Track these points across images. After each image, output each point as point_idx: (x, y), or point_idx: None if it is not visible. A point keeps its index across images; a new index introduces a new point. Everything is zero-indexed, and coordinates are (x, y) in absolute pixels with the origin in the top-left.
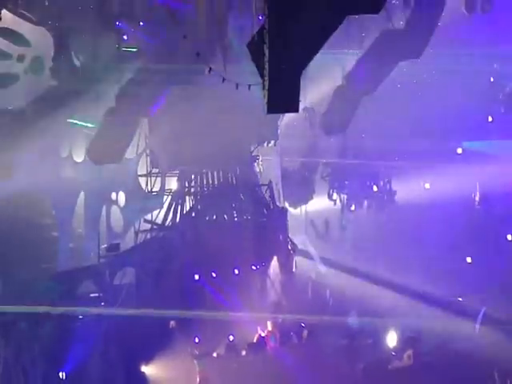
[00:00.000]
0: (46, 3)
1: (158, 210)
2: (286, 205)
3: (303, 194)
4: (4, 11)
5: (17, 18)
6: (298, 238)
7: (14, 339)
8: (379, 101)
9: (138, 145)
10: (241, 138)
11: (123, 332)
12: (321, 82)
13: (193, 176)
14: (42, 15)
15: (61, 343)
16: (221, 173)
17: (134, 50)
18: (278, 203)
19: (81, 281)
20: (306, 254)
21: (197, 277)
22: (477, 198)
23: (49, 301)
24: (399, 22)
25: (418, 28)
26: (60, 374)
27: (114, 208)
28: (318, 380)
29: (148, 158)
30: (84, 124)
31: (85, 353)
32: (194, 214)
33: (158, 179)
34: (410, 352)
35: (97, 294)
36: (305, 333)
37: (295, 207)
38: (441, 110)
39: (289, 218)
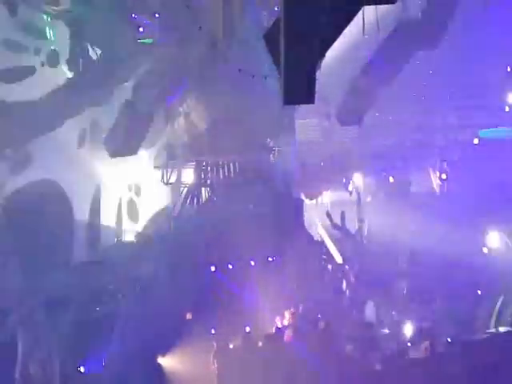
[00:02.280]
0: None
1: (175, 202)
2: (302, 196)
3: (319, 185)
4: (21, 5)
5: (33, 12)
6: (314, 229)
7: (31, 331)
8: (394, 90)
9: (154, 136)
10: (257, 129)
11: (140, 323)
12: (337, 73)
13: (209, 167)
14: (59, 8)
15: (78, 335)
16: (237, 164)
17: (150, 41)
18: (294, 194)
19: (97, 272)
20: (322, 245)
21: (213, 268)
22: (493, 189)
23: (66, 292)
24: (415, 13)
25: (434, 18)
26: (77, 365)
27: (131, 199)
28: (334, 371)
29: (164, 149)
30: None
31: (102, 345)
32: (209, 206)
33: (175, 170)
34: (427, 343)
35: (113, 286)
36: (321, 324)
37: (311, 198)
38: (457, 100)
39: (305, 208)
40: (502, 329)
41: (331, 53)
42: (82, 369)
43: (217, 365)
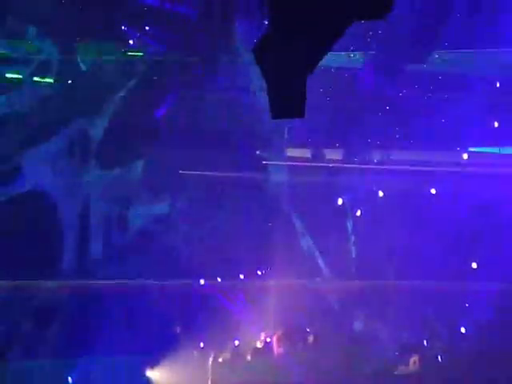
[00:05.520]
0: (52, 8)
1: (164, 214)
2: (292, 210)
3: (308, 199)
4: (10, 16)
5: (22, 23)
6: (303, 243)
7: (19, 342)
8: (383, 106)
9: (143, 148)
10: (247, 144)
11: (128, 337)
12: (326, 88)
13: (198, 181)
14: (49, 20)
15: (67, 346)
16: (227, 178)
17: (140, 54)
18: (283, 208)
19: (85, 283)
20: (312, 259)
21: (202, 281)
22: (483, 204)
23: (55, 303)
24: (404, 28)
25: (423, 33)
26: (66, 378)
27: (120, 211)
28: None
29: (153, 161)
30: None
31: (91, 358)
32: (199, 218)
33: (164, 183)
34: (415, 357)
35: (101, 298)
36: (310, 338)
37: (300, 212)
38: (446, 116)
39: (294, 222)
40: (490, 343)
41: (321, 68)
42: (70, 380)
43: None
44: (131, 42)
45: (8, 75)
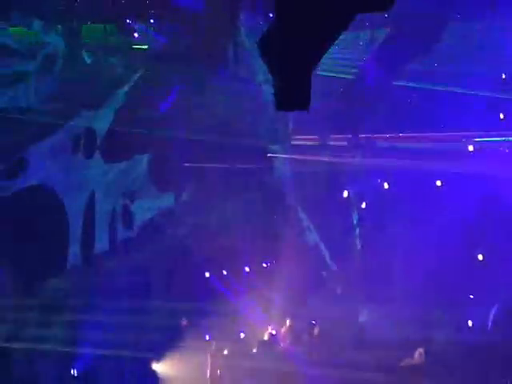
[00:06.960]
0: (57, 2)
1: (169, 208)
2: (297, 202)
3: (313, 192)
4: (15, 9)
5: (28, 16)
6: (309, 236)
7: (25, 338)
8: (388, 97)
9: (148, 142)
10: (251, 136)
11: (134, 329)
12: (330, 79)
13: (203, 174)
14: (54, 13)
15: (72, 337)
16: (231, 170)
17: (145, 47)
18: (288, 200)
19: (91, 278)
20: (317, 252)
21: (207, 274)
22: (488, 195)
23: (60, 297)
24: (408, 19)
25: (428, 24)
26: (71, 370)
27: (125, 205)
28: (328, 378)
29: (159, 155)
30: None
31: (95, 349)
32: (204, 212)
33: (169, 176)
34: (421, 349)
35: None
36: (316, 330)
37: (305, 205)
38: (451, 107)
39: (299, 215)
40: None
41: (325, 58)
42: (74, 373)
43: (210, 371)
44: (136, 35)
45: (14, 69)
